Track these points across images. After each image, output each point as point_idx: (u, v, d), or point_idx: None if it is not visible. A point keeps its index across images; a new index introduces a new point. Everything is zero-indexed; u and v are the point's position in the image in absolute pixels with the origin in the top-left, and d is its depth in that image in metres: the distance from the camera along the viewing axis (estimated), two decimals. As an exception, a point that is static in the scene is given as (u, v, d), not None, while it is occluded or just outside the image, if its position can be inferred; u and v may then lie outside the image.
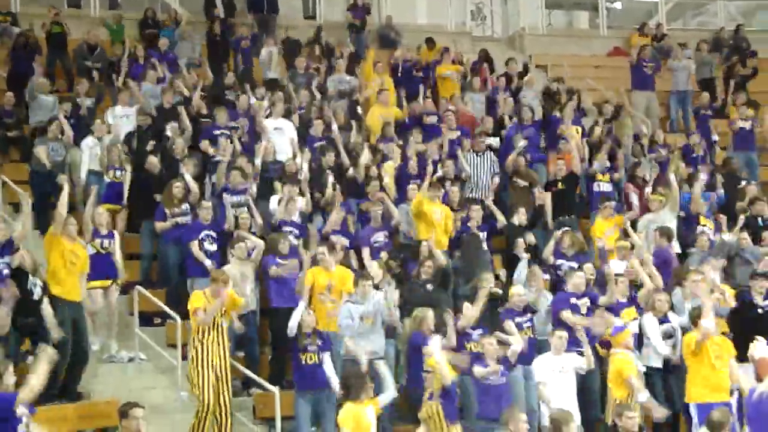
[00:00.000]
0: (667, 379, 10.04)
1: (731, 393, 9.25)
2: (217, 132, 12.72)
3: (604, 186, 13.25)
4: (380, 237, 11.44)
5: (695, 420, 9.23)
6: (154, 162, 12.08)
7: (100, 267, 10.33)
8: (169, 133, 12.63)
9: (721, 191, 13.66)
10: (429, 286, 10.56)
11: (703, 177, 13.34)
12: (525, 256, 11.26)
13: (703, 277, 10.35)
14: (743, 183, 13.89)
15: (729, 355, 9.29)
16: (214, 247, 10.87)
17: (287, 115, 13.52)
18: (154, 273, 11.76)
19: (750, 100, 16.47)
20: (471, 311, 9.83)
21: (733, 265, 11.67)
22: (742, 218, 12.39)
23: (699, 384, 9.22)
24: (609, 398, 9.45)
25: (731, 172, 14.25)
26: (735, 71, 17.61)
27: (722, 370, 9.19)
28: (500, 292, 10.56)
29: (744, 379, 9.04)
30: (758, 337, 6.31)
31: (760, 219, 12.64)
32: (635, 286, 10.79)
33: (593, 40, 20.08)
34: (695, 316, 9.31)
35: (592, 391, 9.97)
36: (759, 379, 6.20)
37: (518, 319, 10.02)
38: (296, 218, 11.34)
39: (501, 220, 12.23)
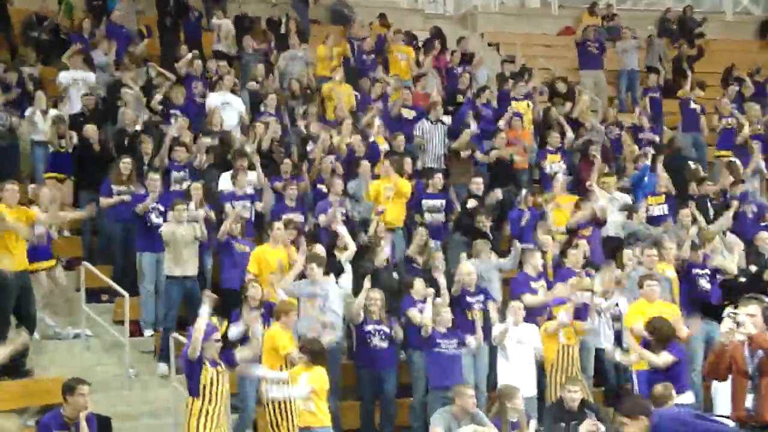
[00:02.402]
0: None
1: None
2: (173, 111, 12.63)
3: (555, 166, 13.35)
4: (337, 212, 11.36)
5: (636, 387, 9.44)
6: (92, 130, 11.88)
7: (45, 247, 10.16)
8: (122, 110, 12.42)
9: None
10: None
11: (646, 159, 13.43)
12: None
13: (655, 253, 10.55)
14: (690, 163, 14.08)
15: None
16: (161, 221, 10.73)
17: (235, 89, 13.42)
18: (95, 247, 11.61)
19: (698, 82, 16.66)
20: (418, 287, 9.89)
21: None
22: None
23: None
24: (547, 375, 9.59)
25: (675, 152, 14.42)
26: (682, 52, 17.79)
27: None
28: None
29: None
30: (736, 312, 6.33)
31: (708, 200, 12.81)
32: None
33: (545, 19, 20.13)
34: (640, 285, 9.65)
35: None
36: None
37: (470, 299, 10.03)
38: (249, 190, 11.27)
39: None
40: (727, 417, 8.75)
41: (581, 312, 9.78)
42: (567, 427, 8.61)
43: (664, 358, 8.61)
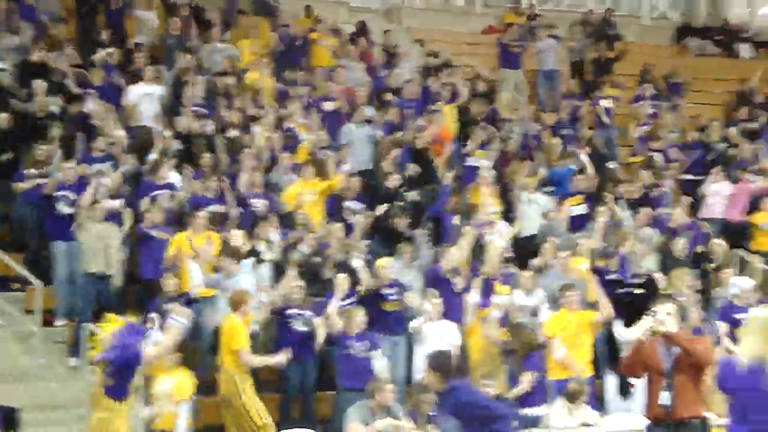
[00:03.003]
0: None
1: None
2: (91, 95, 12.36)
3: (476, 162, 13.45)
4: (259, 204, 11.32)
5: (551, 393, 9.58)
6: (3, 118, 11.58)
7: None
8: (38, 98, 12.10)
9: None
10: (315, 258, 10.54)
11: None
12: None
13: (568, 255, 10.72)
14: (609, 164, 14.34)
15: (590, 328, 9.65)
16: (69, 210, 10.51)
17: (155, 78, 13.20)
18: (6, 235, 11.33)
19: (614, 82, 16.99)
20: (341, 281, 9.91)
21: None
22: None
23: (555, 361, 9.58)
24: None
25: (595, 151, 14.67)
26: (602, 54, 18.10)
27: (581, 347, 9.54)
28: None
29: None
30: (656, 310, 6.45)
31: (624, 201, 13.04)
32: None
33: (469, 16, 20.29)
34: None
35: None
36: (689, 352, 6.32)
37: (386, 291, 10.11)
38: (170, 179, 11.15)
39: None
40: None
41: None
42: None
43: (526, 381, 8.92)
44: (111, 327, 7.39)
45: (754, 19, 22.11)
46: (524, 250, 11.73)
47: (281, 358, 9.05)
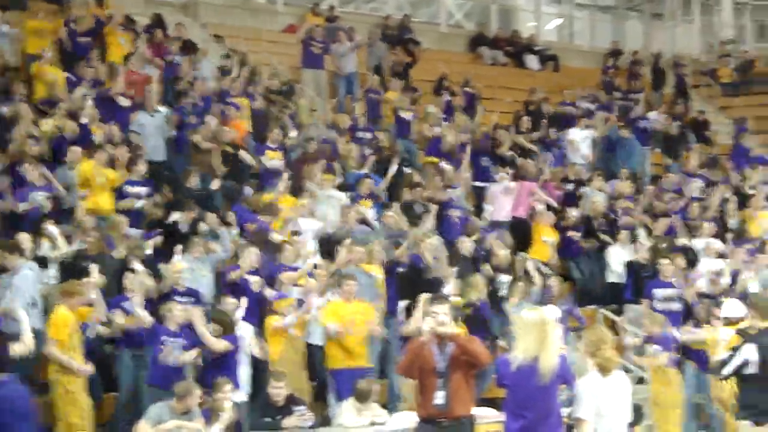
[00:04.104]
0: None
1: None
2: None
3: (273, 162, 13.38)
4: (38, 197, 10.81)
5: (331, 385, 9.69)
6: None
7: None
8: None
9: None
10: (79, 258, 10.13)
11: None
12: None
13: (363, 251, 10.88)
14: (405, 169, 14.63)
15: (365, 319, 9.80)
16: None
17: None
18: None
19: (410, 88, 17.35)
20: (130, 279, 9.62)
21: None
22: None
23: (335, 350, 9.75)
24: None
25: (393, 156, 14.91)
26: (399, 59, 18.45)
27: (357, 336, 9.71)
28: None
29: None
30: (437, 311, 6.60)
31: (418, 204, 13.33)
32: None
33: (270, 15, 20.19)
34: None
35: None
36: (468, 351, 6.47)
37: (180, 299, 9.75)
38: None
39: None
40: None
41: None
42: (272, 421, 8.67)
43: (224, 344, 8.98)
44: None
45: (541, 33, 23.27)
46: (325, 246, 11.78)
47: (87, 368, 8.75)
